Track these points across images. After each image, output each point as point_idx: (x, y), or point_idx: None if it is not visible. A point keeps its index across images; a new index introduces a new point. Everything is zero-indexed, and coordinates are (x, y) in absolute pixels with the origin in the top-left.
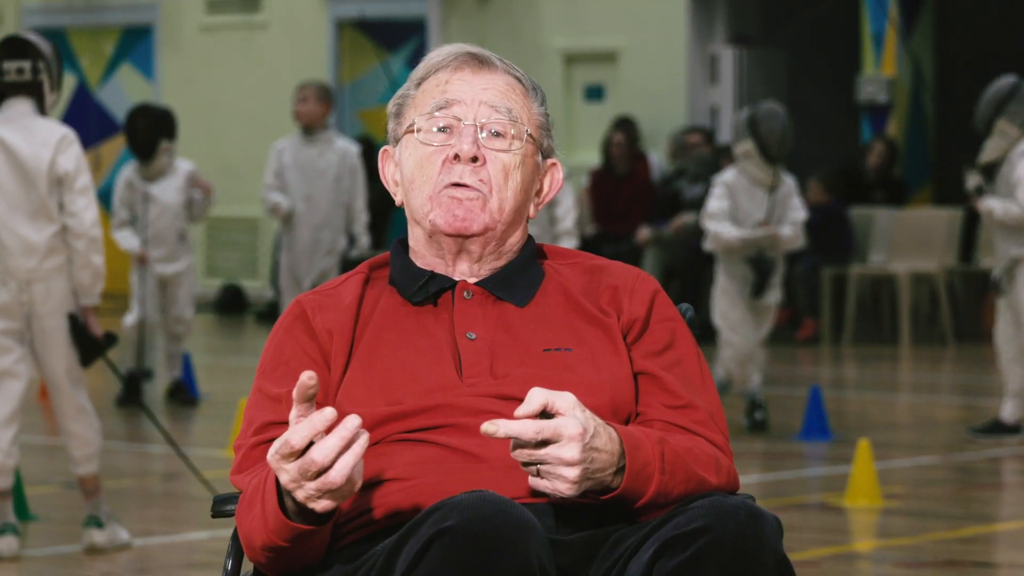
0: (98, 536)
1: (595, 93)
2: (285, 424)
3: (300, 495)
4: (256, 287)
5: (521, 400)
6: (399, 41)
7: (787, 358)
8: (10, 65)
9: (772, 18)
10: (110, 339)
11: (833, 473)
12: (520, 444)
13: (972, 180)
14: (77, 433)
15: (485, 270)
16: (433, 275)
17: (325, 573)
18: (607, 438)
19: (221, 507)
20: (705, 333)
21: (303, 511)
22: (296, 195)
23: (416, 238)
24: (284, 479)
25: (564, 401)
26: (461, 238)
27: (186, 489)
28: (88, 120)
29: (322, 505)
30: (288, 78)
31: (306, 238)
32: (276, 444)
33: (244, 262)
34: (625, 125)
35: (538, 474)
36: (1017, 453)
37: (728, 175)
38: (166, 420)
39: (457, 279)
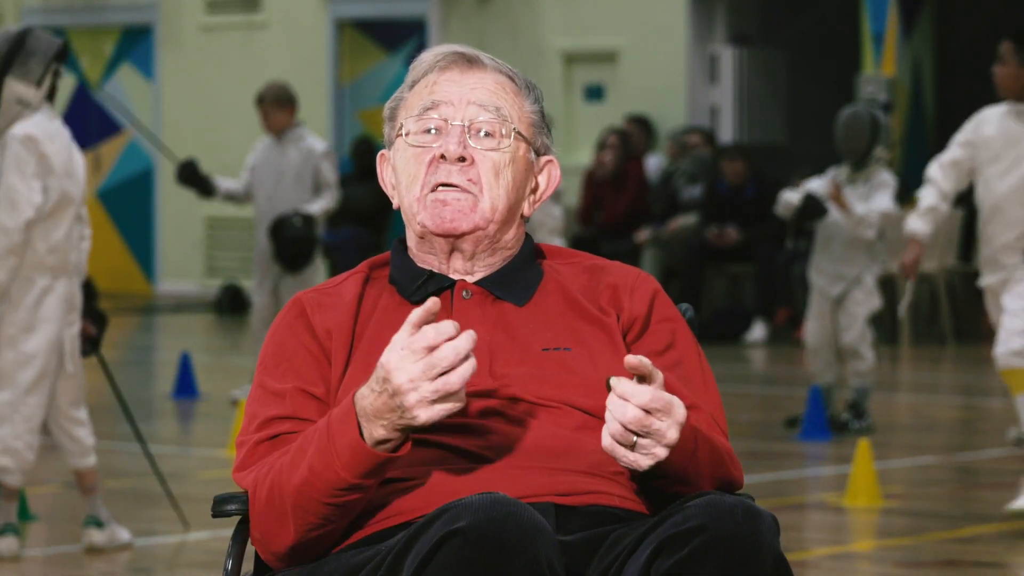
0: (98, 536)
1: (595, 93)
2: (288, 419)
3: (412, 398)
4: None
5: (521, 400)
6: (399, 41)
7: (787, 358)
8: (61, 67)
9: (772, 18)
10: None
11: (833, 473)
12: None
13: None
14: (85, 420)
15: (481, 268)
16: (432, 274)
17: (326, 572)
18: None
19: (221, 507)
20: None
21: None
22: (261, 195)
23: (411, 239)
24: (401, 377)
25: (659, 375)
26: (452, 237)
27: (186, 489)
28: (88, 120)
29: (427, 415)
30: (288, 78)
31: (265, 237)
32: (403, 340)
33: (244, 262)
34: (632, 124)
35: (632, 445)
36: (1017, 453)
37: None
38: (167, 420)
39: (455, 279)
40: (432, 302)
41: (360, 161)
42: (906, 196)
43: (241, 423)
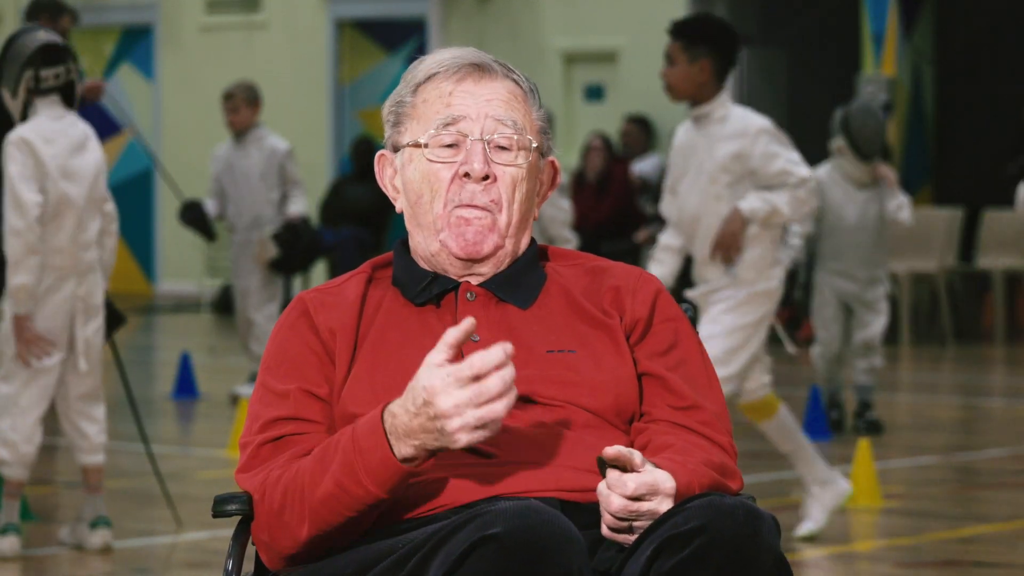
0: (108, 536)
1: (595, 93)
2: (291, 420)
3: (455, 423)
4: None
5: (525, 400)
6: (399, 41)
7: (787, 358)
8: (48, 72)
9: (772, 18)
10: (122, 318)
11: None
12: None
13: None
14: (98, 418)
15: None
16: (436, 276)
17: (335, 568)
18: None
19: (222, 507)
20: None
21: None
22: (230, 198)
23: (420, 247)
24: (446, 403)
25: (638, 456)
26: (471, 262)
27: (186, 489)
28: (88, 120)
29: (466, 439)
30: (288, 78)
31: (237, 240)
32: (443, 363)
33: None
34: (632, 124)
35: (630, 528)
36: (1017, 453)
37: (821, 171)
38: (167, 420)
39: (460, 280)
40: (469, 323)
41: (360, 161)
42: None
43: (243, 421)
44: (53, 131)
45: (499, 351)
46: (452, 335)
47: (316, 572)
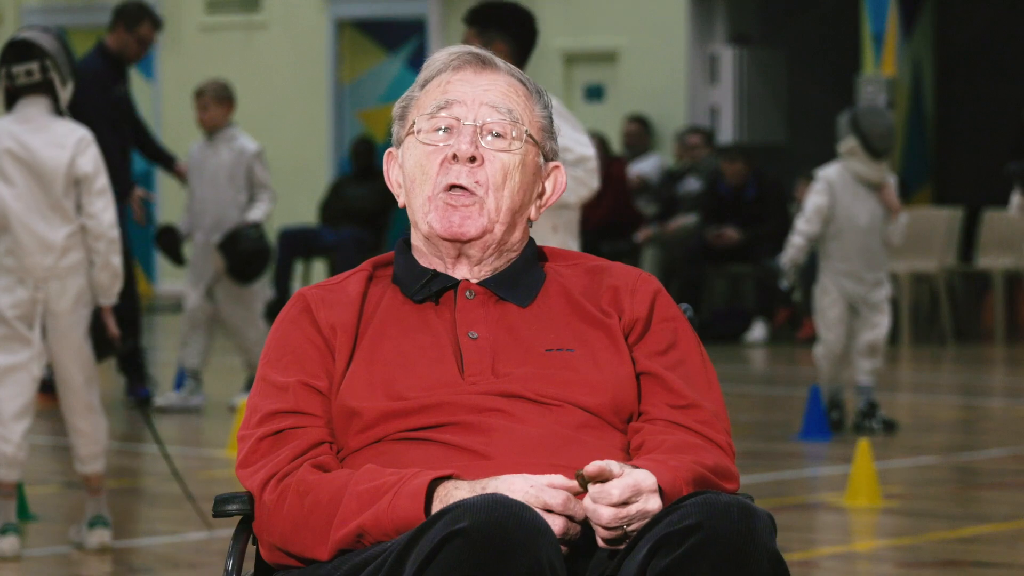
0: (106, 536)
1: (595, 93)
2: (290, 413)
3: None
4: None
5: (523, 398)
6: (399, 41)
7: (787, 358)
8: (19, 68)
9: (772, 18)
10: (125, 341)
11: (833, 473)
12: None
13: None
14: (86, 431)
15: (486, 271)
16: (436, 274)
17: (326, 571)
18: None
19: (222, 507)
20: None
21: None
22: (197, 197)
23: (417, 238)
24: (513, 483)
25: (614, 464)
26: (459, 243)
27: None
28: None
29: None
30: (288, 78)
31: (200, 239)
32: (552, 494)
33: None
34: (634, 123)
35: (624, 535)
36: (1017, 453)
37: (831, 171)
38: (167, 420)
39: (459, 278)
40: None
41: (360, 161)
42: (906, 196)
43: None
44: (1, 132)
45: (581, 509)
46: (562, 481)
47: (310, 574)
